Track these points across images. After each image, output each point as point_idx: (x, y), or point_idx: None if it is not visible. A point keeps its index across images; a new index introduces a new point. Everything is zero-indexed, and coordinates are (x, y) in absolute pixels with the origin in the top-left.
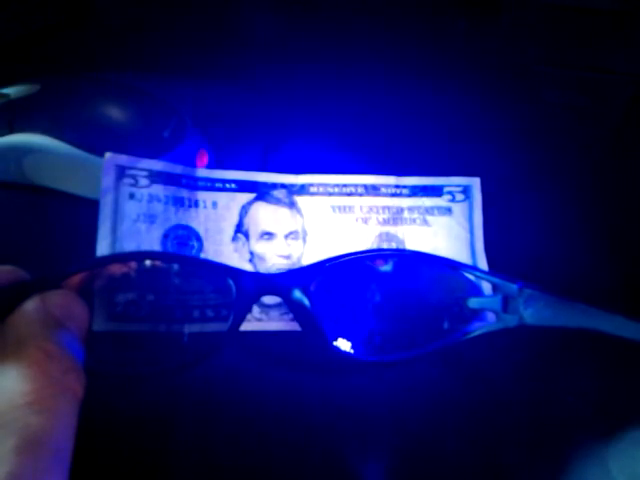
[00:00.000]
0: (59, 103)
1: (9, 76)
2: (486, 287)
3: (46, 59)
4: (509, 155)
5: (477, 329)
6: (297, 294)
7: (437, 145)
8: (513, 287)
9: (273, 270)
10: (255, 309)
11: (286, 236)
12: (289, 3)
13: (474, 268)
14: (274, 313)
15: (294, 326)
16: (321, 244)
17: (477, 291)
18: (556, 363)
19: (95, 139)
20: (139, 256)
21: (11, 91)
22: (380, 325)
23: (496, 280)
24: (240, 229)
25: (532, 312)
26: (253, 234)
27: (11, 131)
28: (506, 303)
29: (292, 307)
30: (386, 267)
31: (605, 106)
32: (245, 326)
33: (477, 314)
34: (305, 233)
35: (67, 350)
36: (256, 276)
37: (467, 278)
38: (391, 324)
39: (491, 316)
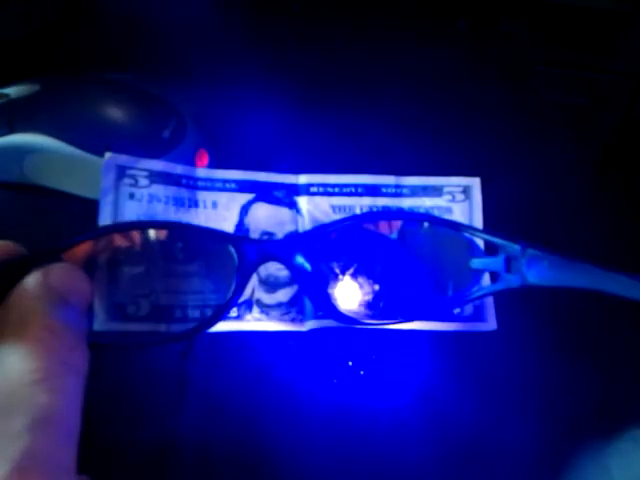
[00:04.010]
0: (59, 103)
1: (9, 76)
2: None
3: (46, 59)
4: (509, 155)
5: (480, 290)
6: (299, 259)
7: (437, 145)
8: (515, 247)
9: (273, 270)
10: (255, 309)
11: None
12: (290, 4)
13: (475, 228)
14: (274, 313)
15: (294, 326)
16: None
17: (480, 253)
18: (557, 363)
19: (95, 139)
20: (141, 225)
21: (11, 91)
22: (384, 289)
23: (498, 240)
24: (240, 229)
25: (535, 272)
26: (253, 234)
27: (11, 131)
28: (509, 263)
29: (294, 273)
30: (389, 230)
31: (605, 106)
32: (245, 326)
33: (480, 275)
34: None
35: (71, 325)
36: (257, 243)
37: (470, 240)
38: (395, 288)
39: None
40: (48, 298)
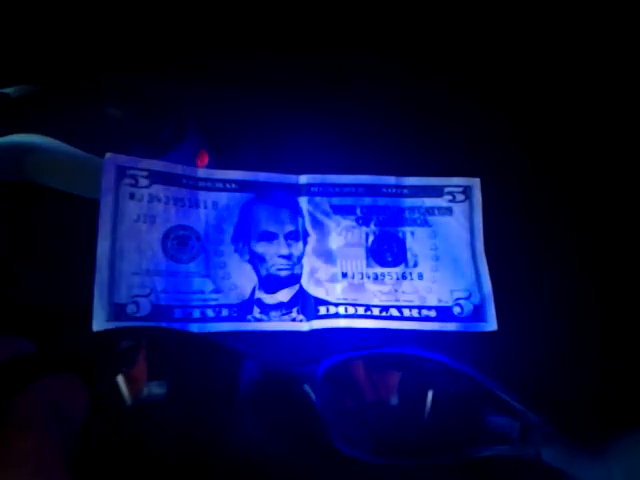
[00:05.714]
0: (59, 103)
1: (9, 76)
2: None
3: (46, 59)
4: (509, 155)
5: (491, 451)
6: (306, 388)
7: (437, 145)
8: (534, 419)
9: (273, 271)
10: (255, 309)
11: (286, 236)
12: (290, 5)
13: (497, 388)
14: (274, 313)
15: (294, 326)
16: (321, 244)
17: (498, 408)
18: (556, 363)
19: (95, 139)
20: (143, 332)
21: (11, 91)
22: (389, 428)
23: (517, 407)
24: (240, 229)
25: (550, 450)
26: (253, 234)
27: (11, 131)
28: (524, 432)
29: (296, 401)
30: (402, 367)
31: (605, 106)
32: (245, 326)
33: (494, 434)
34: (305, 233)
35: (63, 441)
36: (264, 364)
37: (488, 389)
38: (402, 428)
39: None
40: (49, 411)
